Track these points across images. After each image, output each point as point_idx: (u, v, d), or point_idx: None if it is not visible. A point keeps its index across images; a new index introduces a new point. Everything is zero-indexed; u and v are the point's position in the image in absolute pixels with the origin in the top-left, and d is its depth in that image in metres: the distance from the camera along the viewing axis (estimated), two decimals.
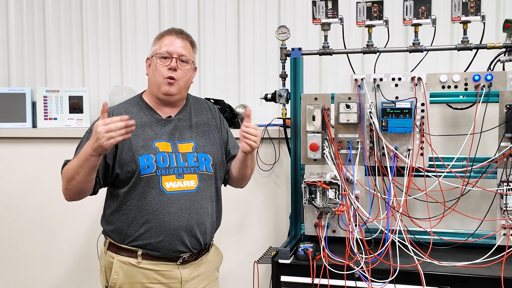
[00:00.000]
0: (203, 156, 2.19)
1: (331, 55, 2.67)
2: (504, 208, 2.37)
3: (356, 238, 2.38)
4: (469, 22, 2.43)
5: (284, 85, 2.76)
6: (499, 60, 2.54)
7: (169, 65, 2.13)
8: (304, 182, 2.43)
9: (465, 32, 2.47)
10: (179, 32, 2.22)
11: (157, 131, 2.16)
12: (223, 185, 2.37)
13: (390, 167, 2.43)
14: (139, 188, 2.09)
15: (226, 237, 3.09)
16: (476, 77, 2.43)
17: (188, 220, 2.11)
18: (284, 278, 2.37)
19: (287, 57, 2.70)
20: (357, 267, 2.26)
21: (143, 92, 2.29)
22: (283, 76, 2.75)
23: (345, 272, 2.27)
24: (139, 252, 2.11)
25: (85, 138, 2.15)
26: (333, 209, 2.42)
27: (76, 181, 2.00)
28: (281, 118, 2.87)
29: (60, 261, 3.35)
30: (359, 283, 2.27)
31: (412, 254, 2.30)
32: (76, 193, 2.06)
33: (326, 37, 2.64)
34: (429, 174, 2.44)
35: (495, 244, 2.38)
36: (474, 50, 2.52)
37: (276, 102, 2.79)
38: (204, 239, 2.18)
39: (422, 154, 2.44)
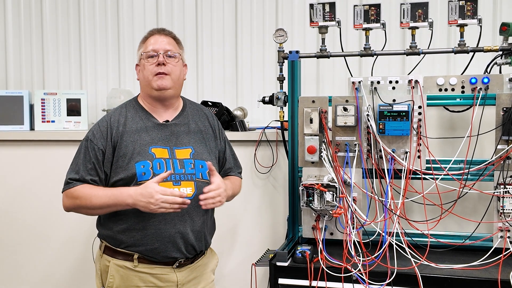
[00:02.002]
0: (200, 163, 2.18)
1: (329, 58, 2.68)
2: (501, 211, 2.38)
3: (354, 240, 2.38)
4: (466, 25, 2.44)
5: (281, 87, 2.77)
6: (495, 63, 2.55)
7: (157, 61, 2.13)
8: (302, 184, 2.43)
9: (462, 35, 2.48)
10: (161, 30, 2.23)
11: (153, 136, 2.14)
12: None
13: (388, 169, 2.44)
14: None
15: (224, 239, 3.09)
16: (473, 80, 2.43)
17: (184, 227, 2.11)
18: (281, 281, 2.37)
19: (285, 60, 2.71)
20: (355, 270, 2.26)
21: (138, 96, 2.28)
22: (280, 79, 2.75)
23: (342, 275, 2.27)
24: (135, 256, 2.10)
25: (83, 147, 2.14)
26: (331, 212, 2.42)
27: (90, 210, 2.11)
28: (278, 120, 2.88)
29: (56, 264, 3.34)
30: (356, 286, 2.27)
31: (410, 257, 2.30)
32: (80, 212, 2.16)
33: (323, 40, 2.65)
34: (426, 176, 2.45)
35: (492, 247, 2.38)
36: (471, 53, 2.53)
37: (273, 105, 2.79)
38: (200, 246, 2.18)
39: (419, 157, 2.44)
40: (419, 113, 2.43)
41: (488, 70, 2.59)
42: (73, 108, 3.40)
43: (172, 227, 2.09)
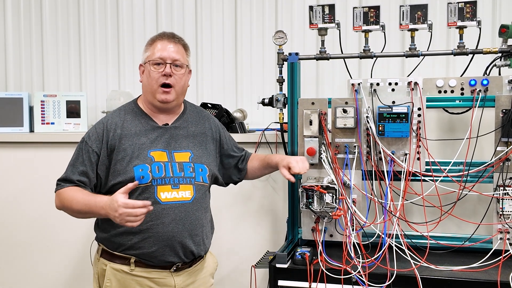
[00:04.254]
0: (200, 166, 2.17)
1: (328, 60, 2.68)
2: (501, 213, 2.38)
3: (353, 242, 2.38)
4: (465, 27, 2.45)
5: (281, 89, 2.77)
6: (495, 65, 2.55)
7: (163, 71, 2.09)
8: (302, 186, 2.43)
9: (461, 37, 2.48)
10: (171, 36, 2.17)
11: (152, 140, 2.13)
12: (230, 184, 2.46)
13: (387, 171, 2.44)
14: (133, 198, 2.05)
15: (223, 241, 3.09)
16: (472, 82, 2.43)
17: (182, 231, 2.10)
18: (281, 283, 2.37)
19: (284, 62, 2.71)
20: (354, 272, 2.26)
21: (138, 98, 2.27)
22: (280, 81, 2.75)
23: (342, 277, 2.27)
24: (132, 260, 2.09)
25: (78, 149, 2.14)
26: (330, 214, 2.42)
27: (74, 214, 2.11)
28: (278, 122, 2.88)
29: (54, 267, 3.34)
30: None
31: (409, 259, 2.30)
32: (69, 214, 2.14)
33: (323, 42, 2.65)
34: (426, 178, 2.45)
35: (492, 248, 2.38)
36: (470, 55, 2.53)
37: (273, 107, 2.79)
38: (198, 250, 2.17)
39: (418, 159, 2.44)
40: (419, 115, 2.43)
41: (488, 72, 2.58)
42: (73, 110, 3.41)
43: (170, 231, 2.08)
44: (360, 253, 2.35)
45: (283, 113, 2.80)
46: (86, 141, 2.13)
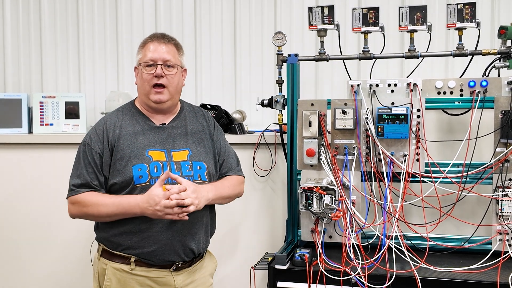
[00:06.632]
0: (198, 164, 2.17)
1: (327, 61, 2.68)
2: (500, 214, 2.38)
3: (353, 243, 2.38)
4: (464, 28, 2.45)
5: (280, 90, 2.77)
6: (494, 66, 2.55)
7: (155, 72, 2.10)
8: (301, 187, 2.43)
9: (460, 39, 2.48)
10: (161, 36, 2.17)
11: (150, 139, 2.14)
12: None
13: (386, 172, 2.44)
14: None
15: (223, 242, 3.08)
16: (472, 83, 2.44)
17: (182, 230, 2.10)
18: (280, 284, 2.37)
19: (284, 63, 2.71)
20: (354, 273, 2.26)
21: (135, 99, 2.27)
22: (279, 82, 2.76)
23: (341, 278, 2.27)
24: (132, 259, 2.10)
25: (81, 152, 2.13)
26: (330, 215, 2.42)
27: (99, 218, 2.11)
28: (277, 123, 2.88)
29: (54, 267, 3.33)
30: None
31: (409, 260, 2.30)
32: (87, 219, 2.16)
33: (322, 43, 2.66)
34: (425, 179, 2.45)
35: (491, 250, 2.39)
36: (470, 56, 2.53)
37: (272, 108, 2.79)
38: (198, 248, 2.17)
39: (418, 160, 2.44)
40: (418, 116, 2.43)
41: (487, 73, 2.59)
42: (72, 111, 3.40)
43: (169, 229, 2.08)
44: (359, 255, 2.35)
45: (282, 114, 2.80)
46: (88, 143, 2.13)
